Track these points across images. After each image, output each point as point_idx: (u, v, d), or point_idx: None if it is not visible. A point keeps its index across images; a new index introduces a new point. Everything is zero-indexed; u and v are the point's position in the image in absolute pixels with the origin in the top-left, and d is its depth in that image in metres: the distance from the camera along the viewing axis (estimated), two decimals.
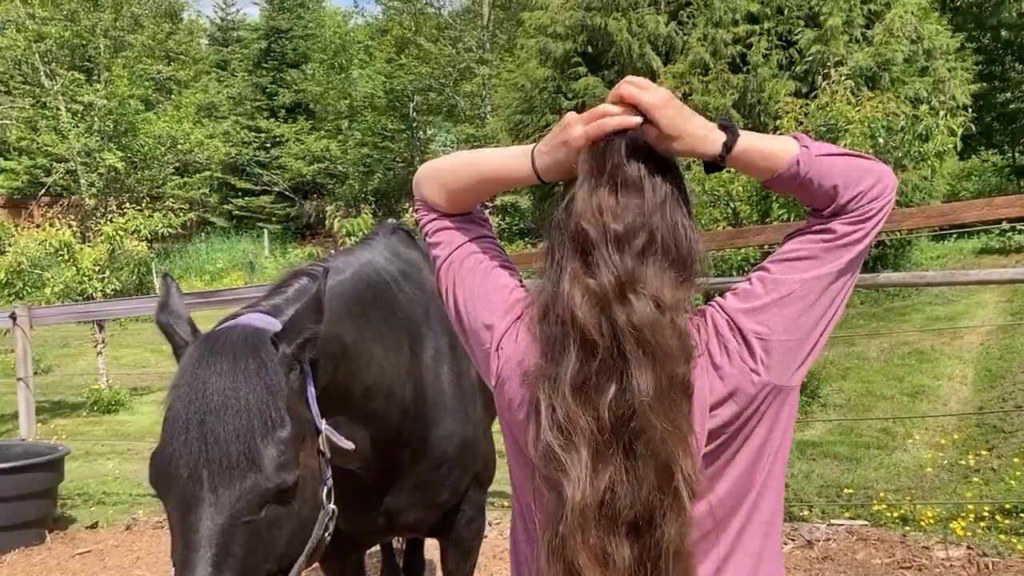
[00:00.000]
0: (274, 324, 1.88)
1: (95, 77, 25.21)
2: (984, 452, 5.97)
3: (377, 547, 4.00)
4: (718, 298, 1.40)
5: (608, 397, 1.26)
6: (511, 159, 1.53)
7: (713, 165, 1.41)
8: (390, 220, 3.10)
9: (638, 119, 1.35)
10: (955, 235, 15.21)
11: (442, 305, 1.64)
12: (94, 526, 5.98)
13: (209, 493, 1.62)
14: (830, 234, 1.37)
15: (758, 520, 1.37)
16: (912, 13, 13.78)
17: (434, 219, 1.65)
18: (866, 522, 4.87)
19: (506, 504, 5.52)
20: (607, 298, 1.28)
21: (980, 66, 20.24)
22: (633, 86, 1.35)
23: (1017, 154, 23.93)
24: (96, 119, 23.53)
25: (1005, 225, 13.75)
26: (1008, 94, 22.98)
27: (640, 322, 1.26)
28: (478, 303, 1.53)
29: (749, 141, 1.38)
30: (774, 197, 8.50)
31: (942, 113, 9.31)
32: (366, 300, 2.32)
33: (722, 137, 1.37)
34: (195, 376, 1.69)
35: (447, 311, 1.61)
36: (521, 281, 1.57)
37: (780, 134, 1.52)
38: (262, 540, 1.69)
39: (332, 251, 2.82)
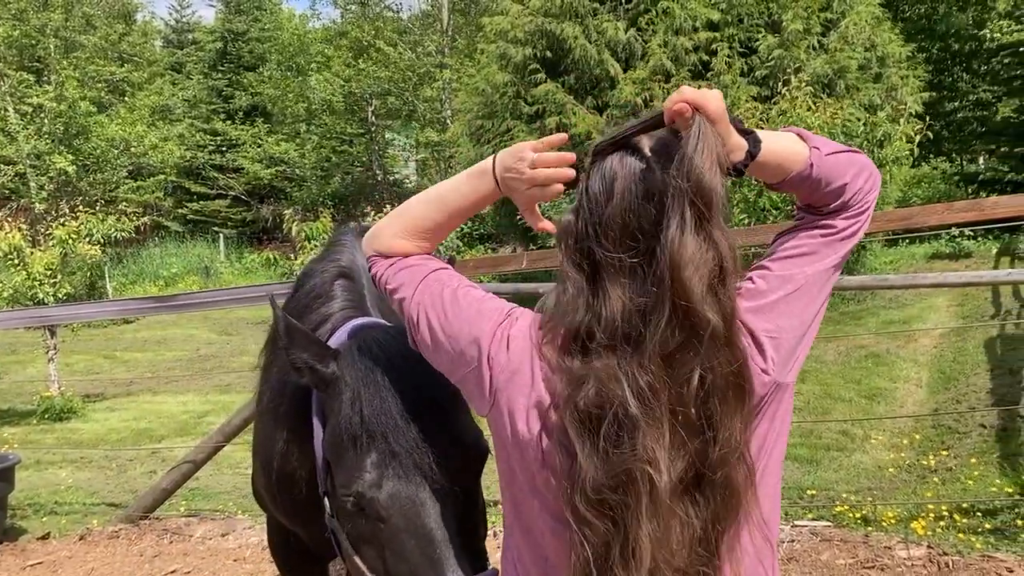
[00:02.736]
0: (381, 322, 1.99)
1: (45, 78, 24.66)
2: (943, 453, 6.08)
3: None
4: None
5: (695, 377, 1.23)
6: (470, 183, 1.58)
7: (729, 169, 1.36)
8: (352, 224, 3.07)
9: (721, 104, 1.28)
10: (907, 240, 15.51)
11: (416, 350, 1.59)
12: (46, 537, 5.81)
13: (452, 483, 1.63)
14: (830, 229, 1.39)
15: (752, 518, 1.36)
16: (866, 22, 14.05)
17: (390, 265, 1.62)
18: (829, 523, 4.92)
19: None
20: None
21: (930, 75, 20.71)
22: (695, 91, 1.29)
23: (965, 162, 24.52)
24: (46, 121, 23.00)
25: (955, 231, 14.10)
26: (956, 103, 23.54)
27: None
28: (455, 322, 1.47)
29: (769, 146, 1.36)
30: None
31: (901, 120, 9.51)
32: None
33: (745, 144, 1.35)
34: (390, 381, 1.69)
35: (422, 347, 1.55)
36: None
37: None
38: (482, 519, 1.75)
39: (322, 251, 2.77)
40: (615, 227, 1.27)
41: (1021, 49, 18.08)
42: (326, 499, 1.81)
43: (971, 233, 14.45)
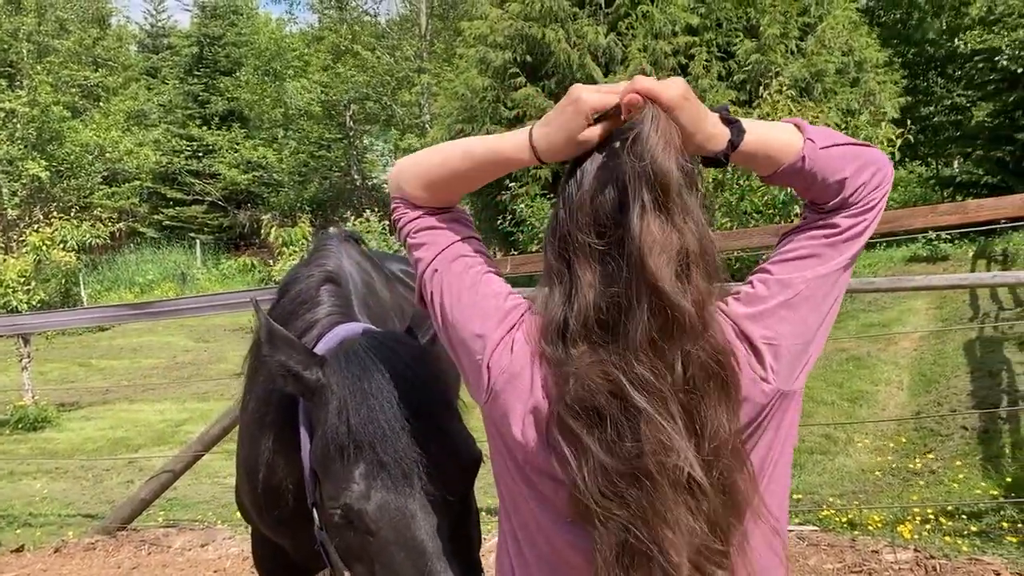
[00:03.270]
0: (370, 327, 1.95)
1: (17, 83, 24.37)
2: (927, 455, 6.09)
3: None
4: (720, 304, 1.30)
5: (679, 360, 1.19)
6: (502, 139, 1.41)
7: (713, 160, 1.32)
8: (332, 228, 3.03)
9: (676, 92, 1.24)
10: (884, 244, 15.61)
11: (423, 310, 1.53)
12: (20, 550, 5.68)
13: (444, 492, 1.58)
14: (833, 229, 1.32)
15: (763, 525, 1.31)
16: (843, 26, 14.17)
17: (416, 217, 1.51)
18: (815, 527, 4.90)
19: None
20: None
21: (905, 80, 20.91)
22: (649, 81, 1.25)
23: (941, 166, 24.77)
24: (19, 126, 22.72)
25: (932, 234, 14.21)
26: (932, 108, 23.77)
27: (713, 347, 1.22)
28: (468, 310, 1.40)
29: (754, 135, 1.31)
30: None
31: (884, 124, 9.57)
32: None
33: (727, 133, 1.29)
34: (378, 388, 1.62)
35: (431, 316, 1.49)
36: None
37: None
38: (476, 528, 1.69)
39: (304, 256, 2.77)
40: (585, 212, 1.26)
41: (996, 58, 18.29)
42: (315, 511, 1.76)
43: (948, 236, 14.56)
